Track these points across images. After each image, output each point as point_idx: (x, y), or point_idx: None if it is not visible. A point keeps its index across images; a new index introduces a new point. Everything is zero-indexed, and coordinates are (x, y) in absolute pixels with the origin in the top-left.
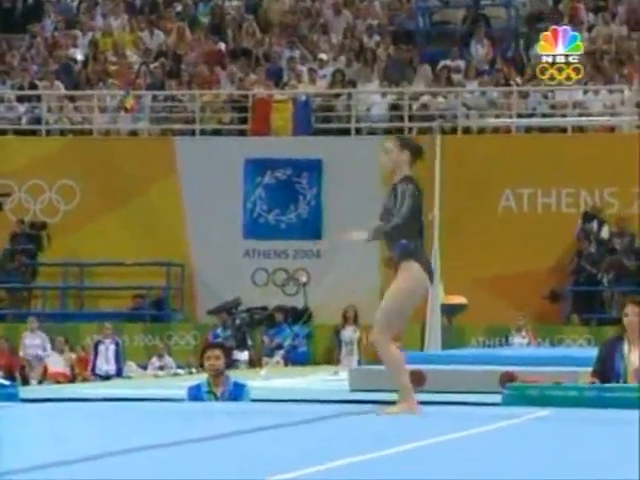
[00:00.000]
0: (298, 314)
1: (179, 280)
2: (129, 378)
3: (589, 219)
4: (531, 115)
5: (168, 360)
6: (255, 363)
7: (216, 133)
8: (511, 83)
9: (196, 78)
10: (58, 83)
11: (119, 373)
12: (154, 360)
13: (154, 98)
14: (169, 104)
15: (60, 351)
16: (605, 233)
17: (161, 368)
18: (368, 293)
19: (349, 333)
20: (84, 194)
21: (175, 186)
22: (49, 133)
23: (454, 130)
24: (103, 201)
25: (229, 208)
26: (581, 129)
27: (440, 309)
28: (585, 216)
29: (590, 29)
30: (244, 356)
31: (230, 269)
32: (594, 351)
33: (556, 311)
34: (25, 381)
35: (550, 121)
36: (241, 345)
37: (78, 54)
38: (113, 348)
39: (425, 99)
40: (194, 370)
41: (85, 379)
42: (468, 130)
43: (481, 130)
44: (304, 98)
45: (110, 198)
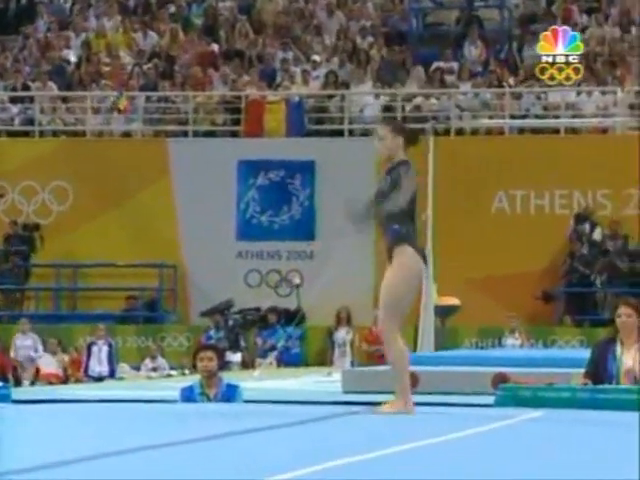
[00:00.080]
0: (291, 315)
1: (172, 281)
2: (122, 379)
3: (581, 221)
4: (524, 116)
5: (161, 361)
6: (248, 364)
7: (209, 134)
8: (504, 84)
9: (189, 79)
10: (51, 84)
11: (112, 374)
12: (147, 361)
13: (147, 99)
14: (162, 105)
15: (53, 352)
16: (597, 235)
17: (154, 369)
18: (361, 294)
19: (342, 334)
20: (77, 195)
21: (168, 187)
22: (42, 134)
23: (447, 131)
24: (96, 202)
25: (222, 209)
26: (574, 130)
27: (433, 310)
28: (577, 218)
29: (583, 31)
30: (237, 357)
31: (223, 270)
32: (587, 352)
33: (549, 312)
34: (17, 382)
35: (543, 122)
36: (234, 346)
37: (71, 55)
38: (106, 349)
39: (418, 100)
40: (187, 371)
41: (78, 380)
42: (461, 131)
43: (474, 131)
44: (297, 99)
45: (103, 199)
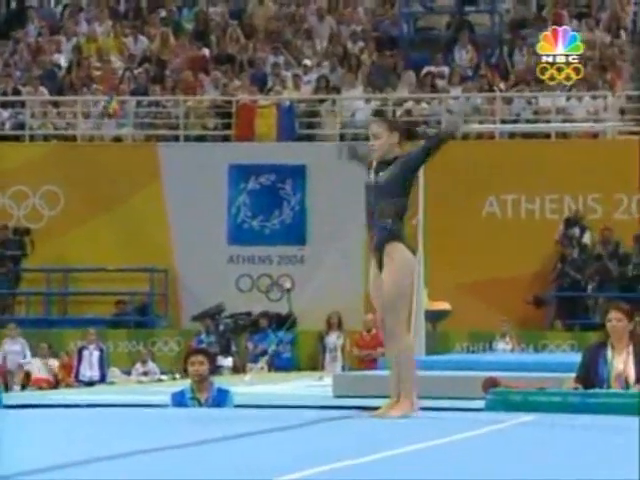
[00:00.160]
0: (282, 320)
1: (163, 286)
2: (113, 384)
3: (571, 225)
4: (515, 121)
5: (152, 366)
6: (239, 369)
7: (200, 139)
8: (495, 89)
9: (180, 84)
10: (42, 89)
11: (103, 379)
12: (138, 366)
13: (138, 104)
14: (153, 110)
15: (43, 357)
16: (587, 239)
17: (145, 374)
18: (352, 299)
19: (333, 339)
20: (68, 200)
21: (159, 192)
22: (33, 139)
23: None
24: (87, 207)
25: (213, 214)
26: (565, 135)
27: (424, 315)
28: (567, 222)
29: None
30: (228, 362)
31: (214, 275)
32: (578, 357)
33: (540, 317)
34: (8, 388)
35: (534, 127)
36: (225, 351)
37: (62, 60)
38: (97, 354)
39: (409, 105)
40: (178, 376)
41: (69, 385)
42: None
43: (465, 136)
44: (288, 104)
45: (94, 204)
